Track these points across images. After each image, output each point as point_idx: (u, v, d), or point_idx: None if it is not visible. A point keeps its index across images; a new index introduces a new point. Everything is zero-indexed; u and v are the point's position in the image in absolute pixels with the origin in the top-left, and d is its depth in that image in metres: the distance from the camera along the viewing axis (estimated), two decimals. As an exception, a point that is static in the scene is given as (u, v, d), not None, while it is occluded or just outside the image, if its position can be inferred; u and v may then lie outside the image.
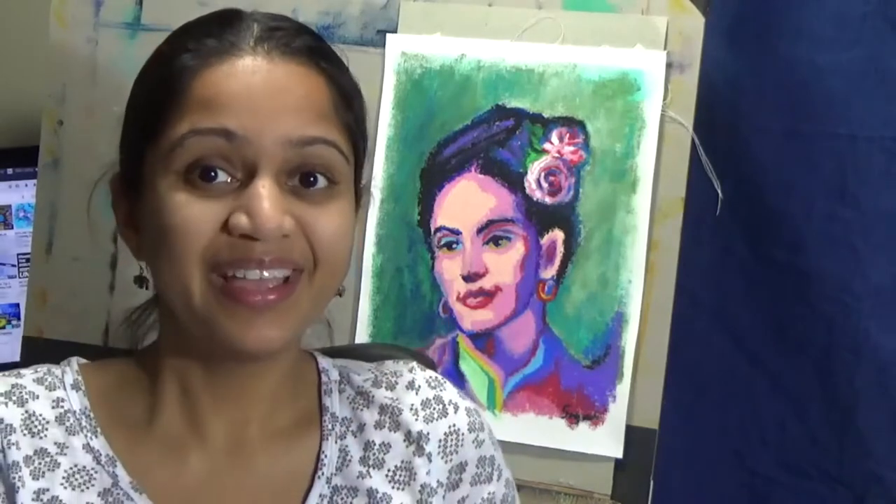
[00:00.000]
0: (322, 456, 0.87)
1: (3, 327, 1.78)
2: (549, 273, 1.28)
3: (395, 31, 1.33)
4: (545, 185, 1.28)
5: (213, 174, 0.77)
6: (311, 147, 0.78)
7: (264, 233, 0.76)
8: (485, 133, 1.29)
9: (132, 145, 0.82)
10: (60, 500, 0.80)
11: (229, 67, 0.77)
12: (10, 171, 1.78)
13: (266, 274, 0.77)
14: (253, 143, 0.76)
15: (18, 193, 1.79)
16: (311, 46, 0.81)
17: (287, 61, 0.79)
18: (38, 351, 1.37)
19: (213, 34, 0.79)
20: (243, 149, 0.76)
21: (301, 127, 0.78)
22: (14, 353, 1.53)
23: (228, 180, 0.77)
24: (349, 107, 0.83)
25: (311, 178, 0.79)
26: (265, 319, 0.78)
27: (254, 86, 0.77)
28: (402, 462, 0.89)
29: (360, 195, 0.87)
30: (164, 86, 0.79)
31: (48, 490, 0.80)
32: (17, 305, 1.77)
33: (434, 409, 0.91)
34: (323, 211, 0.79)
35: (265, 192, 0.76)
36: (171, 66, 0.79)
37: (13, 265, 1.78)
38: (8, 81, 1.83)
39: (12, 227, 1.79)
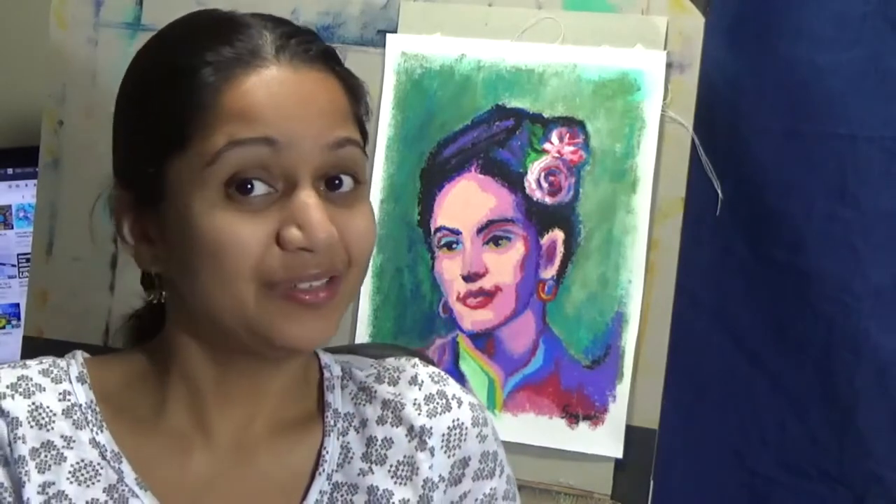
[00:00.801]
0: (323, 452, 0.87)
1: (3, 327, 1.78)
2: (549, 273, 1.28)
3: (395, 31, 1.33)
4: (545, 185, 1.28)
5: (249, 186, 0.76)
6: (342, 149, 0.79)
7: (318, 244, 0.76)
8: (485, 133, 1.29)
9: (146, 158, 0.81)
10: (66, 495, 0.80)
11: (256, 78, 0.77)
12: (10, 171, 1.78)
13: (315, 284, 0.78)
14: (294, 149, 0.77)
15: (18, 193, 1.79)
16: (324, 51, 0.82)
17: (309, 68, 0.80)
18: (39, 351, 1.34)
19: (229, 42, 0.79)
20: (283, 157, 0.77)
21: (332, 130, 0.79)
22: (14, 354, 1.53)
23: (268, 192, 0.77)
24: (358, 103, 0.84)
25: (337, 181, 0.80)
26: (316, 315, 0.79)
27: (284, 95, 0.78)
28: (405, 457, 0.89)
29: None
30: (186, 99, 0.78)
31: (54, 483, 0.80)
32: (17, 305, 1.77)
33: (437, 403, 0.91)
34: (354, 213, 0.80)
35: (312, 201, 0.77)
36: (192, 80, 0.78)
37: (13, 265, 1.78)
38: (8, 81, 1.83)
39: (12, 227, 1.79)
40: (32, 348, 1.40)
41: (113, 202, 0.85)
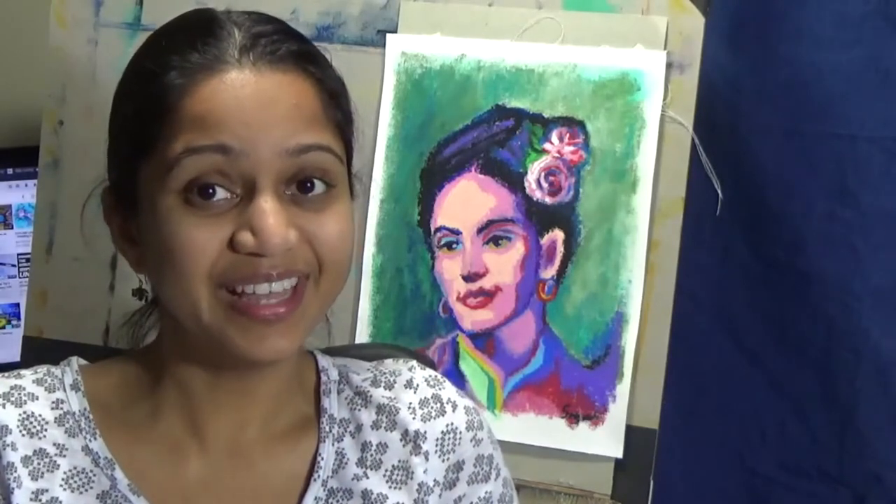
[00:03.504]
0: (319, 458, 0.87)
1: (3, 327, 1.78)
2: (549, 273, 1.28)
3: (395, 31, 1.33)
4: (545, 185, 1.28)
5: (211, 191, 0.76)
6: (306, 154, 0.78)
7: (270, 249, 0.76)
8: (485, 133, 1.29)
9: (123, 161, 0.82)
10: (59, 502, 0.80)
11: (218, 83, 0.77)
12: (10, 171, 1.78)
13: (274, 286, 0.78)
14: (250, 155, 0.76)
15: (18, 193, 1.79)
16: (295, 51, 0.80)
17: (274, 70, 0.78)
18: (38, 351, 1.37)
19: (196, 47, 0.78)
20: (240, 163, 0.76)
21: (295, 135, 0.77)
22: (14, 354, 1.53)
23: (228, 196, 0.77)
24: (337, 105, 0.83)
25: (309, 185, 0.79)
26: (276, 331, 0.78)
27: (244, 99, 0.77)
28: (399, 461, 0.89)
29: (352, 185, 0.87)
30: (152, 104, 0.78)
31: (47, 491, 0.80)
32: (17, 305, 1.77)
33: (432, 407, 0.91)
34: (323, 217, 0.79)
35: (268, 206, 0.76)
36: (158, 85, 0.78)
37: (13, 265, 1.78)
38: (8, 81, 1.83)
39: (12, 227, 1.79)
40: (32, 348, 1.40)
41: (104, 202, 0.85)
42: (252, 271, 0.77)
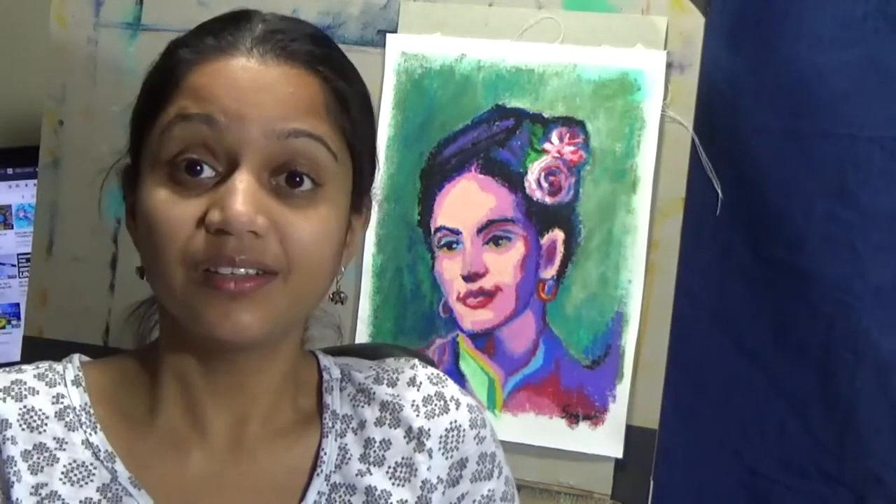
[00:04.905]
0: (321, 453, 0.87)
1: (3, 327, 1.78)
2: (549, 273, 1.28)
3: (395, 31, 1.33)
4: (545, 185, 1.28)
5: (198, 168, 0.77)
6: (295, 140, 0.78)
7: (234, 227, 0.75)
8: (485, 133, 1.29)
9: (133, 137, 0.84)
10: (59, 495, 0.80)
11: (223, 64, 0.78)
12: (10, 171, 1.78)
13: (240, 271, 0.77)
14: (235, 131, 0.76)
15: (18, 193, 1.79)
16: (308, 51, 0.81)
17: (280, 64, 0.79)
18: (39, 351, 1.37)
19: (215, 33, 0.80)
20: (226, 137, 0.77)
21: (285, 119, 0.78)
22: (14, 353, 1.53)
23: (213, 174, 0.78)
24: (345, 110, 0.82)
25: (297, 179, 0.78)
26: (240, 305, 0.77)
27: (242, 80, 0.78)
28: (403, 458, 0.89)
29: (363, 205, 0.87)
30: (161, 79, 0.80)
31: (47, 485, 0.80)
32: (17, 305, 1.77)
33: (435, 405, 0.91)
34: (303, 215, 0.78)
35: (241, 186, 0.76)
36: (170, 60, 0.81)
37: (13, 265, 1.79)
38: (8, 81, 1.83)
39: (12, 227, 1.79)
40: (32, 348, 1.40)
41: (122, 181, 0.87)
42: (216, 250, 0.76)
